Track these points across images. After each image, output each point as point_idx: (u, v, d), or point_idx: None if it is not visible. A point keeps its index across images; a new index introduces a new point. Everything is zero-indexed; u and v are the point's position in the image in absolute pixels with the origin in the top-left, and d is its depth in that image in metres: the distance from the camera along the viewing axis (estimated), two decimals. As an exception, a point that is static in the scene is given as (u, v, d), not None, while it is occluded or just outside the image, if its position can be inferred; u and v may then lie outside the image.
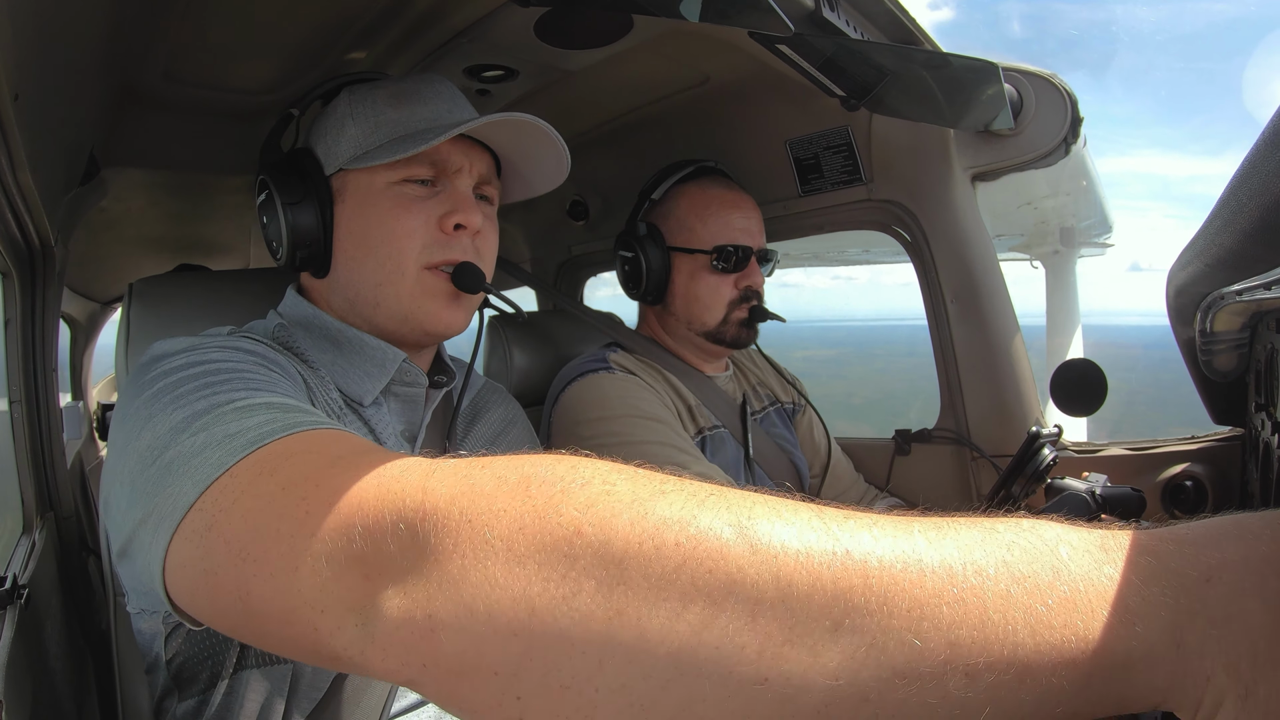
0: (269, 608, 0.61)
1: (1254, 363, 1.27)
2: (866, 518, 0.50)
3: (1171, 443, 1.65)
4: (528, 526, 0.51)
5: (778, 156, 1.96)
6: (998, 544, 0.47)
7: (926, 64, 1.45)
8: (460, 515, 0.54)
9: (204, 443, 0.71)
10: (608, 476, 0.54)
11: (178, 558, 0.67)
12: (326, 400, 1.07)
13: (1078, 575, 0.45)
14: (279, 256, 1.17)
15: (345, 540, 0.57)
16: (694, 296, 1.76)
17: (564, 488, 0.53)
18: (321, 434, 0.72)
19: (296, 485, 0.63)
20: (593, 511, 0.51)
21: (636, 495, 0.51)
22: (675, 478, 0.54)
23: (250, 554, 0.61)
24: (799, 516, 0.49)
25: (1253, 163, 0.65)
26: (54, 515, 1.84)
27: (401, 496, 0.57)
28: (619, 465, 0.56)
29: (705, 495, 0.51)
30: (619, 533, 0.49)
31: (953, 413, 1.88)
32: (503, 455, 0.60)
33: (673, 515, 0.49)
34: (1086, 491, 1.18)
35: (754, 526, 0.48)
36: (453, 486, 0.56)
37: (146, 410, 0.80)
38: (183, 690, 1.08)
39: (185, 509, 0.67)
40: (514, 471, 0.56)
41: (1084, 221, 4.25)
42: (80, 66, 1.25)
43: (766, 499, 0.51)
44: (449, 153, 1.13)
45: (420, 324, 1.15)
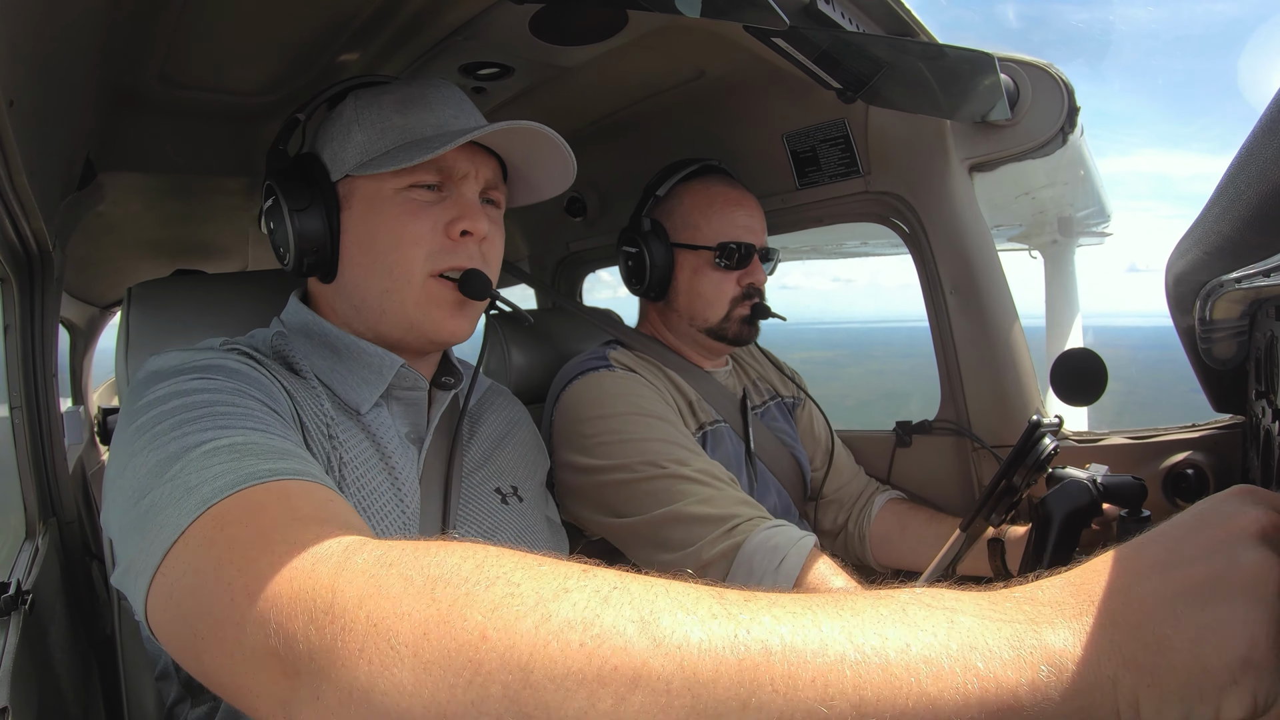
0: (220, 680, 0.66)
1: (1254, 350, 1.27)
2: (767, 598, 0.53)
3: (1172, 431, 1.65)
4: (432, 632, 0.53)
5: (775, 150, 1.96)
6: (893, 607, 0.51)
7: (922, 55, 1.45)
8: (366, 619, 0.56)
9: (169, 497, 0.75)
10: (512, 575, 0.55)
11: (154, 614, 0.73)
12: (315, 413, 1.06)
13: (969, 622, 0.50)
14: (286, 262, 1.17)
15: (263, 635, 0.60)
16: (697, 293, 1.77)
17: (468, 590, 0.55)
18: (265, 492, 0.74)
19: (225, 567, 0.66)
20: (496, 615, 0.52)
21: (540, 596, 0.53)
22: (580, 570, 0.56)
23: (198, 632, 0.66)
24: (701, 605, 0.52)
25: (1250, 150, 0.65)
26: (56, 521, 1.84)
27: (312, 594, 0.59)
28: (525, 559, 0.58)
29: (609, 590, 0.53)
30: (523, 636, 0.51)
31: (953, 404, 1.88)
32: (414, 544, 0.62)
33: (576, 616, 0.51)
34: (1088, 479, 1.18)
35: (656, 621, 0.51)
36: (360, 588, 0.58)
37: (130, 446, 0.84)
38: (195, 697, 1.08)
39: (153, 571, 0.71)
40: (421, 571, 0.58)
41: (1082, 211, 4.24)
42: (75, 71, 1.24)
43: (670, 589, 0.54)
44: (456, 159, 1.13)
45: (425, 332, 1.15)
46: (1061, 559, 1.11)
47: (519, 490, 1.32)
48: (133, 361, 1.29)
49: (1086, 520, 1.15)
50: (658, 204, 1.84)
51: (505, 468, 1.34)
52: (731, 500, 1.49)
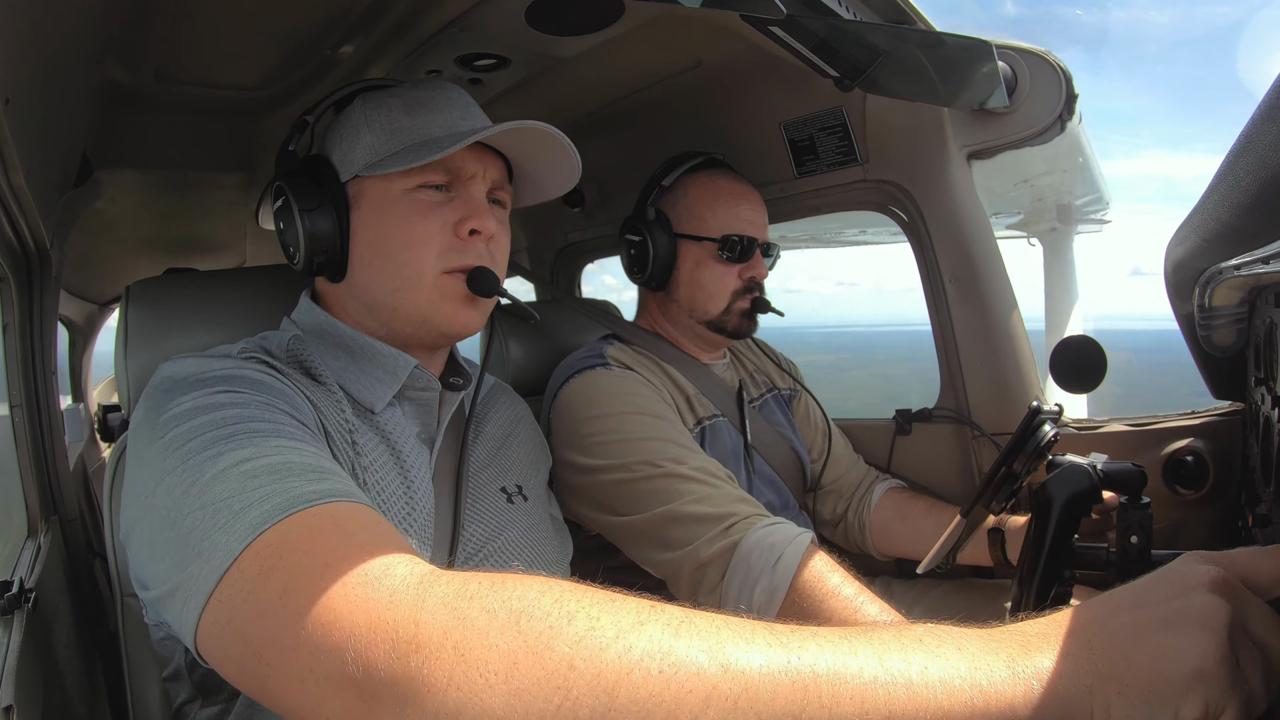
0: (286, 704, 0.68)
1: (1253, 337, 1.27)
2: (809, 630, 0.62)
3: (1172, 418, 1.65)
4: (521, 662, 0.59)
5: (772, 139, 1.95)
6: (912, 637, 0.61)
7: (920, 43, 1.45)
8: (454, 649, 0.60)
9: (212, 522, 0.76)
10: (590, 610, 0.62)
11: (206, 638, 0.74)
12: (338, 421, 1.07)
13: (974, 649, 0.60)
14: (296, 261, 1.18)
15: (339, 664, 0.62)
16: (699, 284, 1.77)
17: (552, 624, 0.60)
18: (315, 516, 0.76)
19: (292, 596, 0.68)
20: (582, 647, 0.59)
21: (620, 629, 0.60)
22: (650, 606, 0.63)
23: (264, 657, 0.68)
24: (757, 636, 0.60)
25: (1250, 136, 0.65)
26: (58, 518, 1.84)
27: (394, 625, 0.63)
28: (598, 594, 0.64)
29: (679, 624, 0.61)
30: (608, 665, 0.58)
31: (953, 392, 1.88)
32: (489, 577, 0.66)
33: (653, 647, 0.59)
34: (1088, 465, 1.18)
35: (723, 649, 0.59)
36: (445, 620, 0.62)
37: (160, 464, 0.85)
38: (206, 698, 1.09)
39: (206, 596, 0.73)
40: (503, 605, 0.63)
41: (1080, 198, 4.24)
42: (71, 69, 1.24)
43: (729, 622, 0.62)
44: (463, 160, 1.14)
45: (438, 326, 1.16)
46: (1062, 545, 1.11)
47: (524, 489, 1.33)
48: (132, 358, 1.28)
49: (1087, 505, 1.15)
50: (663, 194, 1.84)
51: (510, 467, 1.34)
52: (729, 498, 1.49)
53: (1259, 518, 1.23)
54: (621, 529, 1.53)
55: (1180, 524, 1.61)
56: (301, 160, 1.21)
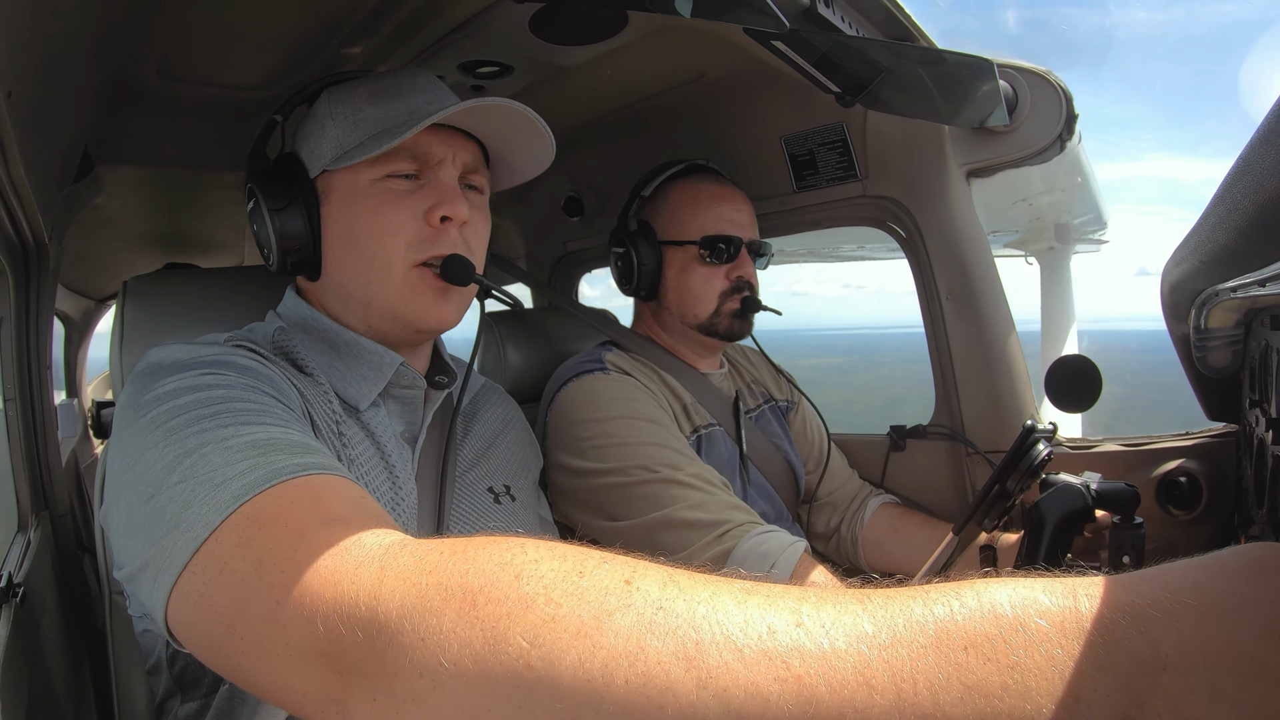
0: (260, 680, 0.66)
1: (1248, 359, 1.27)
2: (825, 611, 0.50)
3: (1166, 439, 1.65)
4: (477, 654, 0.53)
5: (773, 152, 1.96)
6: (953, 645, 0.46)
7: (922, 60, 1.45)
8: (413, 632, 0.56)
9: (192, 493, 0.74)
10: (551, 593, 0.54)
11: (178, 613, 0.72)
12: (325, 411, 1.06)
13: (1030, 669, 0.44)
14: (270, 262, 1.17)
15: (311, 635, 0.60)
16: (685, 289, 1.77)
17: (509, 609, 0.54)
18: (296, 487, 0.74)
19: (266, 566, 0.66)
20: (539, 645, 0.51)
21: (582, 624, 0.52)
22: (623, 583, 0.54)
23: (237, 631, 0.66)
24: (751, 630, 0.49)
25: (1247, 160, 0.65)
26: (49, 514, 1.83)
27: (356, 599, 0.60)
28: (568, 569, 0.56)
29: (653, 614, 0.51)
30: (567, 670, 0.50)
31: (948, 409, 1.88)
32: (450, 544, 0.62)
33: (620, 647, 0.50)
34: (1082, 484, 1.18)
35: (702, 657, 0.48)
36: (402, 596, 0.58)
37: (140, 441, 0.83)
38: (185, 692, 1.08)
39: (180, 569, 0.71)
40: (459, 582, 0.57)
41: (1079, 218, 4.26)
42: (73, 64, 1.24)
43: (716, 605, 0.51)
44: (430, 144, 1.12)
45: (410, 321, 1.14)
46: (1054, 564, 1.11)
47: (511, 489, 1.32)
48: (127, 355, 1.28)
49: (1079, 525, 1.15)
50: (644, 204, 1.85)
51: (498, 467, 1.33)
52: (723, 505, 1.49)
53: (1252, 539, 1.24)
54: (614, 534, 1.53)
55: (1173, 544, 1.61)
56: (273, 160, 1.19)
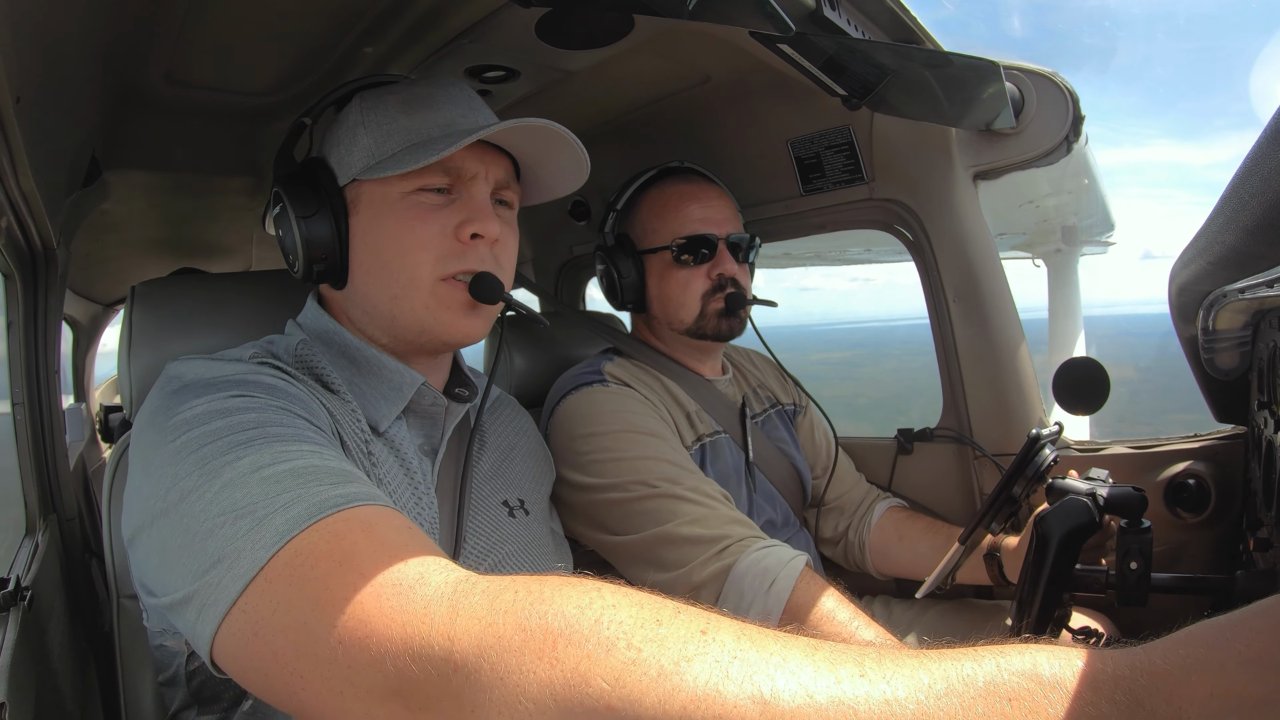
0: (323, 715, 0.66)
1: (1256, 360, 1.27)
2: (885, 664, 0.53)
3: (1174, 441, 1.65)
4: (559, 695, 0.55)
5: (779, 156, 1.96)
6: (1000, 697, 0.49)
7: (928, 63, 1.45)
8: (491, 672, 0.57)
9: (234, 529, 0.73)
10: (633, 637, 0.56)
11: (225, 648, 0.72)
12: (355, 431, 1.05)
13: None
14: (296, 269, 1.15)
15: (379, 675, 0.61)
16: (667, 295, 1.76)
17: (590, 653, 0.56)
18: (344, 521, 0.74)
19: (325, 608, 0.66)
20: (620, 686, 0.54)
21: (662, 668, 0.54)
22: (699, 632, 0.57)
23: (296, 670, 0.66)
24: (820, 680, 0.52)
25: (1255, 160, 0.65)
26: (57, 517, 1.84)
27: (429, 639, 0.61)
28: (646, 616, 0.58)
29: (729, 661, 0.54)
30: (647, 710, 0.53)
31: (955, 412, 1.88)
32: (523, 584, 0.63)
33: (699, 692, 0.52)
34: (1088, 494, 1.17)
35: (776, 703, 0.51)
36: (479, 636, 0.59)
37: (173, 468, 0.82)
38: (203, 706, 1.07)
39: (228, 605, 0.70)
40: (539, 623, 0.59)
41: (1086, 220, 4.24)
42: (81, 70, 1.25)
43: (789, 658, 0.54)
44: (464, 160, 1.10)
45: (437, 335, 1.13)
46: (1060, 575, 1.10)
47: (525, 503, 1.31)
48: (135, 359, 1.28)
49: (1085, 538, 1.15)
50: (620, 217, 1.84)
51: (513, 480, 1.33)
52: (723, 519, 1.48)
53: (1260, 542, 1.23)
54: (616, 548, 1.53)
55: (1181, 547, 1.60)
56: (300, 164, 1.17)
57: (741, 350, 2.09)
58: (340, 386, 1.09)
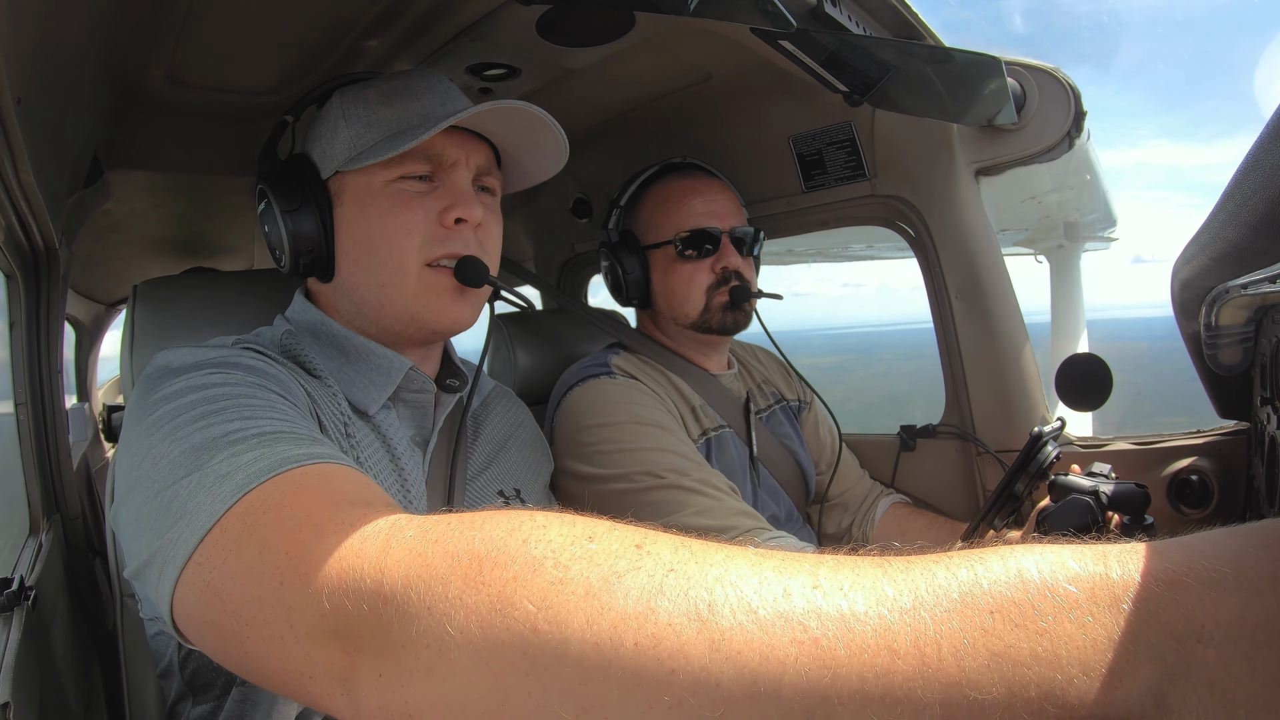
0: (267, 666, 0.65)
1: (1259, 356, 1.26)
2: (842, 574, 0.48)
3: (1176, 437, 1.64)
4: (485, 620, 0.52)
5: (781, 152, 1.96)
6: (979, 610, 0.44)
7: (929, 59, 1.45)
8: (419, 602, 0.55)
9: (197, 485, 0.73)
10: (559, 556, 0.53)
11: (183, 605, 0.71)
12: (334, 413, 1.06)
13: (1060, 636, 0.43)
14: (282, 264, 1.17)
15: (317, 615, 0.60)
16: (672, 290, 1.76)
17: (516, 573, 0.53)
18: (302, 475, 0.74)
19: (271, 550, 0.65)
20: (547, 608, 0.50)
21: (590, 585, 0.50)
22: (633, 546, 0.53)
23: (243, 618, 0.65)
24: (765, 591, 0.47)
25: (1257, 156, 0.65)
26: (60, 517, 1.84)
27: (360, 574, 0.59)
28: (572, 531, 0.56)
29: (664, 575, 0.50)
30: (575, 632, 0.49)
31: (957, 408, 1.88)
32: (456, 517, 0.61)
33: (629, 609, 0.49)
34: (1090, 492, 1.17)
35: (715, 618, 0.47)
36: (407, 567, 0.57)
37: (148, 439, 0.82)
38: (197, 695, 1.08)
39: (185, 559, 0.70)
40: (466, 547, 0.56)
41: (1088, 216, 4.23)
42: (83, 70, 1.25)
43: (730, 569, 0.49)
44: (444, 146, 1.12)
45: (426, 323, 1.14)
46: None
47: (522, 493, 1.32)
48: (138, 358, 1.29)
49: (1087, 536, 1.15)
50: (623, 214, 1.85)
51: (509, 470, 1.33)
52: (730, 511, 1.49)
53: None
54: None
55: None
56: (283, 161, 1.19)
57: (747, 346, 2.09)
58: (322, 372, 1.10)
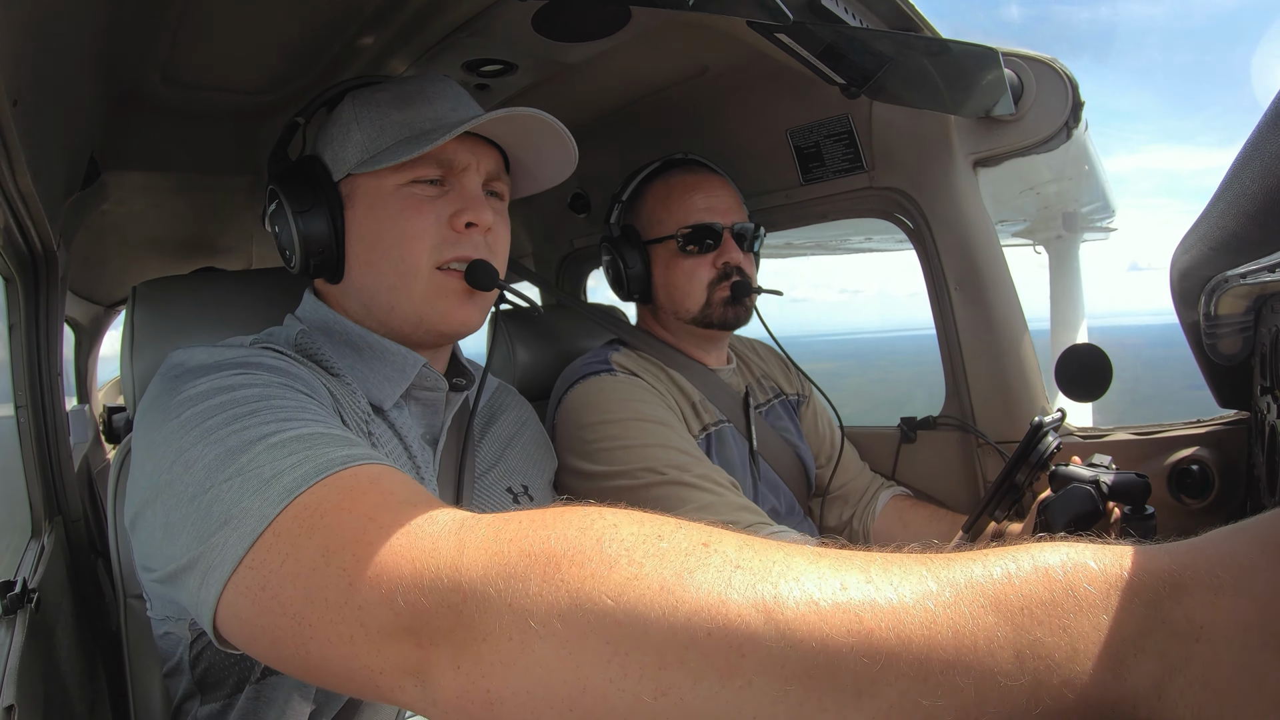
0: (330, 667, 0.66)
1: (1259, 346, 1.26)
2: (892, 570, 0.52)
3: (1177, 427, 1.64)
4: (565, 613, 0.55)
5: (779, 145, 1.95)
6: (1011, 606, 0.48)
7: (926, 50, 1.45)
8: (498, 597, 0.57)
9: (241, 490, 0.74)
10: (633, 554, 0.56)
11: (232, 609, 0.71)
12: (355, 411, 1.07)
13: (1078, 633, 0.47)
14: (293, 265, 1.18)
15: (391, 613, 0.61)
16: (673, 285, 1.76)
17: (593, 570, 0.56)
18: (352, 477, 0.74)
19: (336, 552, 0.66)
20: (624, 600, 0.54)
21: (665, 581, 0.54)
22: (701, 545, 0.57)
23: (306, 620, 0.65)
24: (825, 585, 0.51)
25: (1255, 145, 0.65)
26: (62, 519, 1.84)
27: (438, 572, 0.61)
28: (642, 531, 0.59)
29: (731, 572, 0.54)
30: (653, 623, 0.52)
31: (957, 399, 1.87)
32: (525, 516, 0.63)
33: (702, 602, 0.52)
34: (1091, 482, 1.17)
35: (780, 609, 0.51)
36: (485, 564, 0.59)
37: (176, 442, 0.82)
38: (206, 694, 1.08)
39: (235, 563, 0.70)
40: (541, 547, 0.59)
41: (1086, 206, 4.24)
42: (79, 71, 1.25)
43: (791, 565, 0.53)
44: (456, 151, 1.13)
45: (435, 325, 1.15)
46: None
47: (529, 489, 1.33)
48: (138, 359, 1.29)
49: (1088, 526, 1.15)
50: (625, 208, 1.85)
51: (516, 467, 1.34)
52: (731, 507, 1.49)
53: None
54: None
55: (1184, 533, 1.59)
56: (294, 162, 1.20)
57: (746, 340, 2.09)
58: (341, 370, 1.11)
